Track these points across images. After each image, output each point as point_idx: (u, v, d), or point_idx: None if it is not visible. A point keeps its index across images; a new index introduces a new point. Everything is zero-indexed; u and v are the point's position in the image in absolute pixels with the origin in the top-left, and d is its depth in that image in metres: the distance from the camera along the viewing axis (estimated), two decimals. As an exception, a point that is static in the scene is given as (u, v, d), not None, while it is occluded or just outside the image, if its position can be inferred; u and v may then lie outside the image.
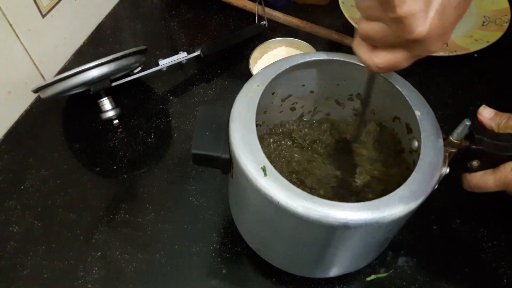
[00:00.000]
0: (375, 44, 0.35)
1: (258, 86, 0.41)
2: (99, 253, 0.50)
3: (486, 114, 0.43)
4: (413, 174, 0.36)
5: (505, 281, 0.49)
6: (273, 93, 0.47)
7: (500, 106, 0.44)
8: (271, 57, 0.67)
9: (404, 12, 0.29)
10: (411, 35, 0.30)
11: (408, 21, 0.30)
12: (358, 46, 0.36)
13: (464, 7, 0.31)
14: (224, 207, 0.53)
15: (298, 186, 0.37)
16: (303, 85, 0.48)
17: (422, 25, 0.30)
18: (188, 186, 0.55)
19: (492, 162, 0.40)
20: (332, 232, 0.36)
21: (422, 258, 0.50)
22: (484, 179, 0.41)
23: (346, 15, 0.73)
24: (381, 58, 0.34)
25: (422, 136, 0.38)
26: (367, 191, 0.48)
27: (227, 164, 0.40)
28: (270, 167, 0.36)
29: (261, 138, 0.52)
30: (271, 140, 0.52)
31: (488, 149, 0.39)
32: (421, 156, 0.37)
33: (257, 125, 0.39)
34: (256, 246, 0.47)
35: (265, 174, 0.36)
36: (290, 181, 0.36)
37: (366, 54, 0.35)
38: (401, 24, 0.30)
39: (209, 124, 0.41)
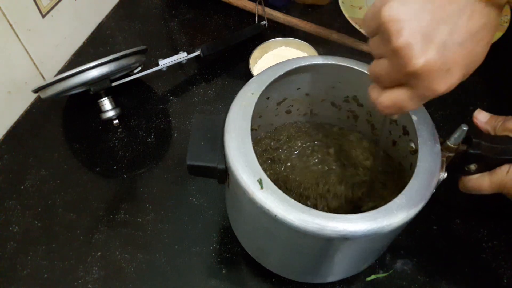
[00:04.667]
0: (381, 82, 0.34)
1: (253, 94, 0.41)
2: (99, 253, 0.50)
3: (481, 118, 0.43)
4: (411, 181, 0.36)
5: (505, 281, 0.49)
6: (268, 98, 0.46)
7: (499, 106, 0.44)
8: (271, 57, 0.67)
9: (401, 43, 0.29)
10: (407, 67, 0.30)
11: (404, 52, 0.29)
12: (372, 88, 0.36)
13: (472, 49, 0.30)
14: (224, 207, 0.53)
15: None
16: (298, 89, 0.48)
17: (418, 57, 0.29)
18: (188, 186, 0.55)
19: (489, 165, 0.40)
20: (329, 244, 0.36)
21: (422, 258, 0.50)
22: (480, 181, 0.41)
23: (346, 15, 0.73)
24: (385, 97, 0.34)
25: (419, 141, 0.38)
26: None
27: (223, 175, 0.39)
28: (266, 180, 0.35)
29: (257, 142, 0.51)
30: (266, 143, 0.52)
31: (485, 153, 0.39)
32: (418, 163, 0.37)
33: (252, 130, 0.39)
34: (255, 253, 0.47)
35: (262, 187, 0.35)
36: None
37: (375, 95, 0.35)
38: (398, 56, 0.30)
39: (204, 133, 0.40)
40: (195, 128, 0.41)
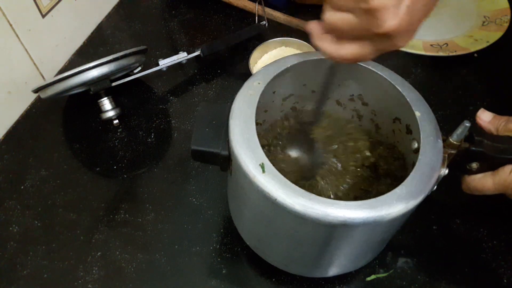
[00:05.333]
0: (340, 35, 0.34)
1: (259, 83, 0.41)
2: (99, 253, 0.50)
3: (484, 117, 0.43)
4: (412, 173, 0.36)
5: (505, 281, 0.49)
6: (274, 92, 0.47)
7: (500, 106, 0.44)
8: (271, 57, 0.67)
9: (377, 4, 0.29)
10: (381, 29, 0.30)
11: (379, 14, 0.29)
12: (320, 39, 0.35)
13: (431, 6, 0.31)
14: (224, 207, 0.53)
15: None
16: (304, 85, 0.48)
17: (393, 19, 0.29)
18: (188, 186, 0.55)
19: (491, 164, 0.40)
20: (328, 230, 0.36)
21: (422, 258, 0.50)
22: (483, 182, 0.41)
23: (346, 15, 0.73)
24: (347, 51, 0.33)
25: (421, 136, 0.38)
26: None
27: (226, 161, 0.40)
28: (268, 164, 0.36)
29: (261, 137, 0.52)
30: (269, 138, 0.52)
31: (487, 151, 0.39)
32: (420, 156, 0.37)
33: (257, 124, 0.39)
34: (253, 243, 0.47)
35: (264, 171, 0.35)
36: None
37: (332, 47, 0.34)
38: (372, 16, 0.30)
39: (209, 121, 0.41)
40: (201, 114, 0.41)
